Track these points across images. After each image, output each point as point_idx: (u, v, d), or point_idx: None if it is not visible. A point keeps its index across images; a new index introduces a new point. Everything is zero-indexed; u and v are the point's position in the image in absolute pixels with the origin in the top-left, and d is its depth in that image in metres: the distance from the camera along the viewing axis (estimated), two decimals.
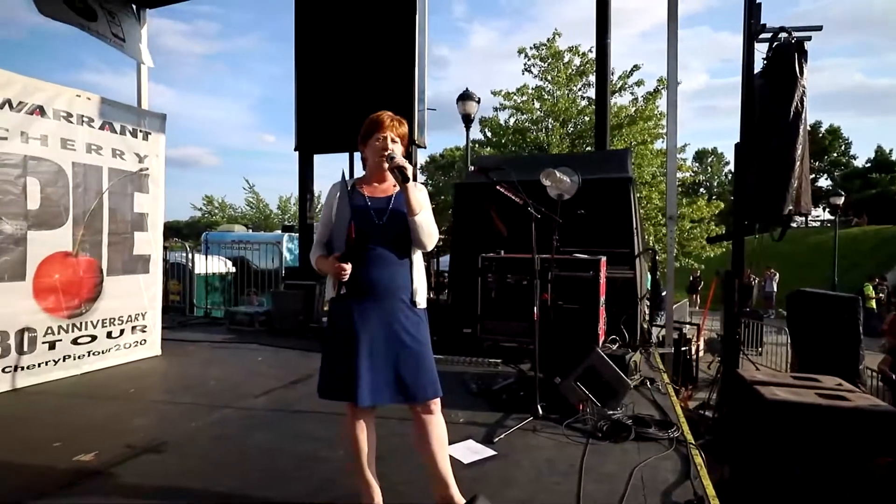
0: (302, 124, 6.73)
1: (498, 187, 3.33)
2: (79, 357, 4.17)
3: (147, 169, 4.67)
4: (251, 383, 4.08)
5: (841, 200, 18.12)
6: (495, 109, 13.50)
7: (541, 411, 3.22)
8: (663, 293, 6.13)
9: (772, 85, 4.68)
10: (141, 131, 4.64)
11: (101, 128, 4.30)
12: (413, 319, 2.00)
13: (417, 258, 2.06)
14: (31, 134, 3.79)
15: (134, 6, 6.76)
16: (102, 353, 4.35)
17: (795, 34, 4.67)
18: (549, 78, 12.99)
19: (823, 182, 40.94)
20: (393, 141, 2.00)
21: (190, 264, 8.30)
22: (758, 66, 4.75)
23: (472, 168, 2.41)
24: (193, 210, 30.11)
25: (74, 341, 4.13)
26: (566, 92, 12.87)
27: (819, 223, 33.15)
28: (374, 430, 2.12)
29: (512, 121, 13.56)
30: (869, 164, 40.39)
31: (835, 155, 42.54)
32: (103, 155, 4.30)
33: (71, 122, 4.07)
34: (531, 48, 13.12)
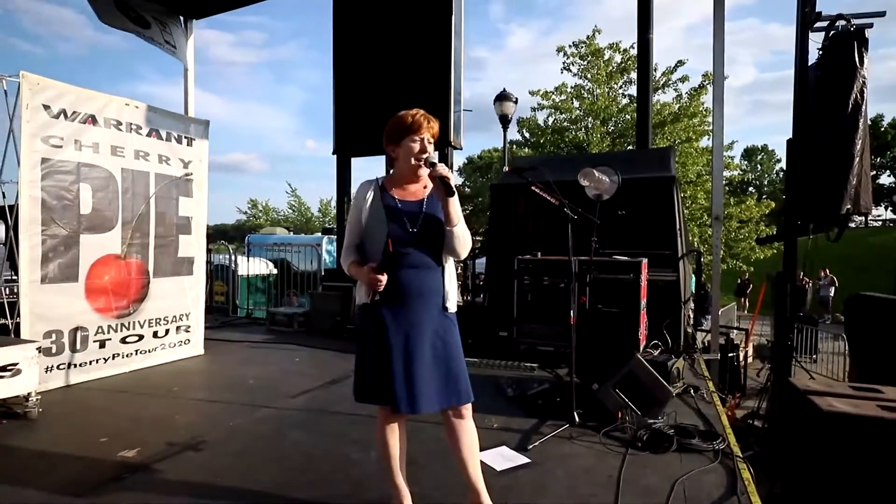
0: (340, 128, 6.82)
1: (533, 188, 3.25)
2: (127, 355, 4.35)
3: (191, 174, 4.83)
4: (288, 383, 4.15)
5: None
6: (533, 109, 13.36)
7: (577, 418, 3.13)
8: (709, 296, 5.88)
9: (828, 76, 4.40)
10: (185, 137, 4.81)
11: (149, 135, 4.48)
12: (445, 324, 1.97)
13: (449, 262, 2.03)
14: (83, 142, 3.99)
15: (182, 17, 7.04)
16: (149, 351, 4.52)
17: (855, 21, 4.38)
18: (588, 76, 12.73)
19: (886, 179, 38.49)
20: (429, 142, 1.95)
21: (233, 266, 8.55)
22: (812, 56, 4.49)
23: (507, 169, 2.35)
24: (239, 213, 31.15)
25: (123, 340, 4.31)
26: (606, 90, 12.58)
27: (880, 223, 31.18)
28: (406, 434, 2.10)
29: (550, 120, 13.36)
30: None
31: None
32: (150, 161, 4.48)
33: (120, 130, 4.26)
34: (570, 46, 12.90)
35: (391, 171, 2.09)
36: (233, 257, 8.61)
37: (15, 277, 4.10)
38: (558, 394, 3.66)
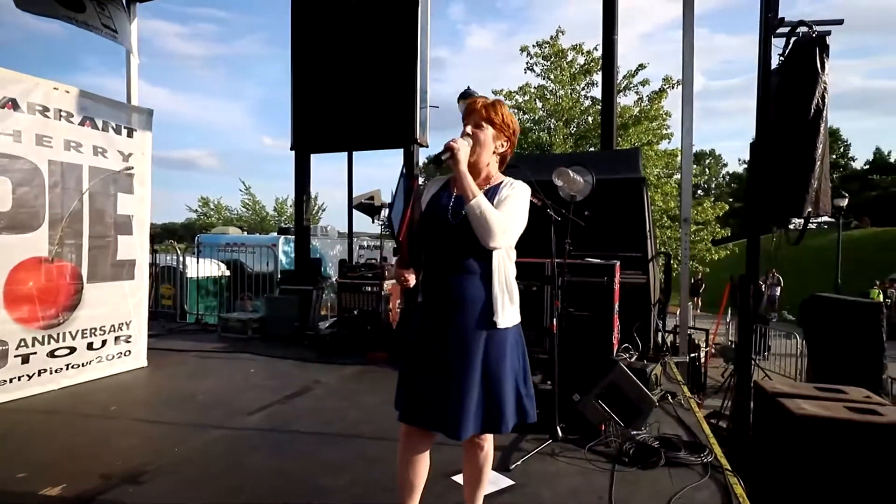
0: (299, 123, 6.44)
1: None
2: (56, 371, 3.86)
3: (132, 168, 4.37)
4: (245, 398, 3.79)
5: (845, 202, 17.88)
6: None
7: (560, 433, 2.94)
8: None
9: (790, 82, 4.43)
10: (125, 128, 4.35)
11: (82, 123, 4.01)
12: (488, 341, 1.69)
13: (500, 266, 1.73)
14: (2, 129, 3.49)
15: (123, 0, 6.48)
16: (82, 365, 4.04)
17: (816, 28, 4.43)
18: (551, 77, 12.74)
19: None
20: (477, 126, 1.76)
21: (182, 268, 7.99)
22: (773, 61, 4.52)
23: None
24: (189, 212, 29.72)
25: (51, 354, 3.82)
26: (569, 91, 12.62)
27: (816, 225, 33.10)
28: (427, 464, 1.84)
29: None
30: (868, 166, 40.34)
31: (834, 157, 42.51)
32: (83, 153, 4.00)
33: (48, 117, 3.77)
34: (533, 46, 12.87)
35: None
36: (181, 258, 8.04)
37: None
38: (538, 404, 3.48)
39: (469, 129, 1.74)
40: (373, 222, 6.39)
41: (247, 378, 4.43)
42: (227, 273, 9.94)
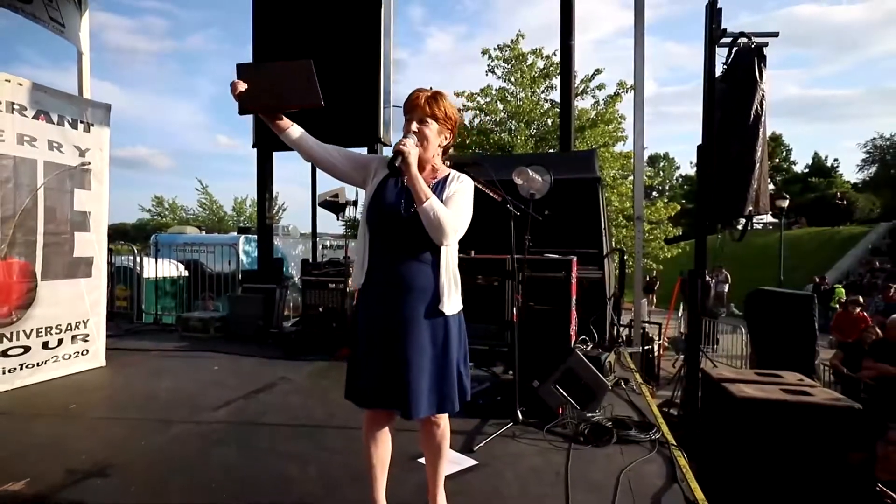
0: (260, 120, 6.41)
1: (476, 184, 3.18)
2: (9, 370, 3.75)
3: (89, 163, 4.28)
4: (208, 395, 3.78)
5: (786, 203, 18.99)
6: (459, 110, 13.38)
7: (521, 416, 3.10)
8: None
9: (732, 89, 4.76)
10: (82, 122, 4.25)
11: (36, 117, 3.90)
12: (435, 326, 1.79)
13: (447, 256, 1.83)
14: None
15: None
16: (37, 365, 3.94)
17: (755, 39, 4.77)
18: (512, 80, 13.00)
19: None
20: (422, 122, 1.80)
21: (138, 268, 7.78)
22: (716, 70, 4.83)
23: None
24: (142, 212, 28.66)
25: (4, 353, 3.71)
26: (530, 94, 12.92)
27: (761, 225, 34.86)
28: (390, 442, 1.96)
29: (476, 122, 13.50)
30: (807, 170, 42.83)
31: (776, 161, 44.93)
32: (38, 147, 3.90)
33: (0, 111, 3.67)
34: (495, 49, 13.11)
35: None
36: (137, 258, 7.83)
37: None
38: (498, 392, 3.64)
39: (414, 126, 1.79)
40: (338, 219, 6.41)
41: (210, 376, 4.40)
42: (186, 273, 9.73)
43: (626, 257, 6.26)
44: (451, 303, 1.82)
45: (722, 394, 3.67)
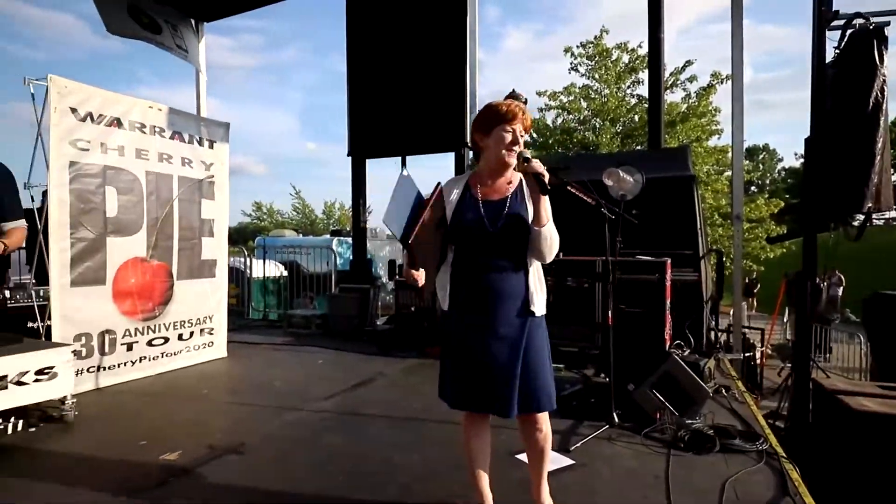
0: (354, 130, 6.81)
1: (569, 187, 3.23)
2: (153, 358, 4.33)
3: (213, 176, 4.82)
4: (316, 386, 4.13)
5: None
6: (541, 110, 13.33)
7: (616, 419, 3.11)
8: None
9: (846, 75, 4.38)
10: (207, 140, 4.80)
11: (172, 137, 4.47)
12: (528, 328, 1.88)
13: (534, 263, 1.94)
14: (109, 145, 3.97)
15: (192, 21, 7.04)
16: (174, 354, 4.51)
17: (874, 20, 4.37)
18: (596, 76, 12.73)
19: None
20: (521, 135, 1.88)
21: (247, 269, 8.53)
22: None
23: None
24: (242, 216, 31.11)
25: (149, 343, 4.29)
26: (615, 90, 12.58)
27: (883, 221, 31.17)
28: (489, 440, 2.07)
29: (559, 121, 13.37)
30: None
31: None
32: (173, 164, 4.47)
33: (144, 133, 4.24)
34: (577, 46, 12.91)
35: (478, 165, 2.01)
36: (247, 260, 8.59)
37: (34, 281, 4.09)
38: (591, 395, 3.65)
39: (525, 150, 1.89)
40: None
41: (316, 369, 4.79)
42: (285, 273, 10.49)
43: (723, 258, 5.95)
44: (540, 303, 1.93)
45: (837, 407, 3.43)
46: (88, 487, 2.39)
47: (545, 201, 1.83)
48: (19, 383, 2.99)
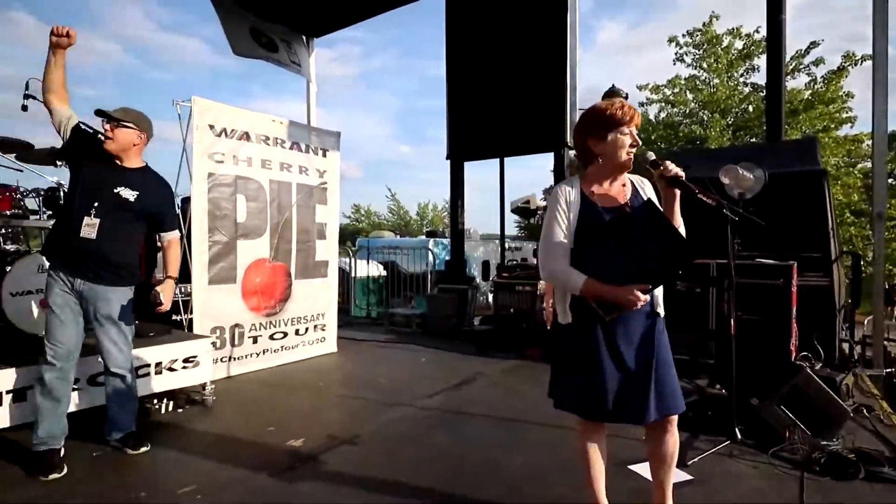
0: (453, 133, 6.95)
1: (698, 194, 3.06)
2: (274, 351, 4.74)
3: (326, 183, 5.17)
4: (420, 384, 4.28)
5: None
6: (642, 104, 12.70)
7: (739, 435, 2.90)
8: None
9: None
10: (321, 149, 5.15)
11: (291, 147, 4.85)
12: (655, 330, 1.85)
13: None
14: (239, 157, 4.41)
15: (304, 37, 7.57)
16: (292, 348, 4.89)
17: None
18: (704, 65, 11.89)
19: None
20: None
21: (350, 268, 9.02)
22: None
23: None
24: (343, 218, 32.85)
25: (271, 337, 4.70)
26: (726, 79, 11.66)
27: None
28: (606, 449, 2.01)
29: (662, 115, 12.66)
30: None
31: None
32: (292, 172, 4.85)
33: (268, 144, 4.65)
34: (683, 35, 12.14)
35: (585, 169, 1.94)
36: (350, 260, 9.08)
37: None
38: (707, 407, 3.44)
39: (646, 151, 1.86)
40: (529, 222, 6.60)
41: (419, 366, 4.96)
42: (384, 273, 10.96)
43: (860, 262, 5.31)
44: (662, 306, 1.88)
45: None
46: (231, 465, 2.68)
47: (678, 203, 1.76)
48: (170, 369, 3.42)
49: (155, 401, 3.46)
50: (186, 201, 4.26)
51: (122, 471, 2.64)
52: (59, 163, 3.96)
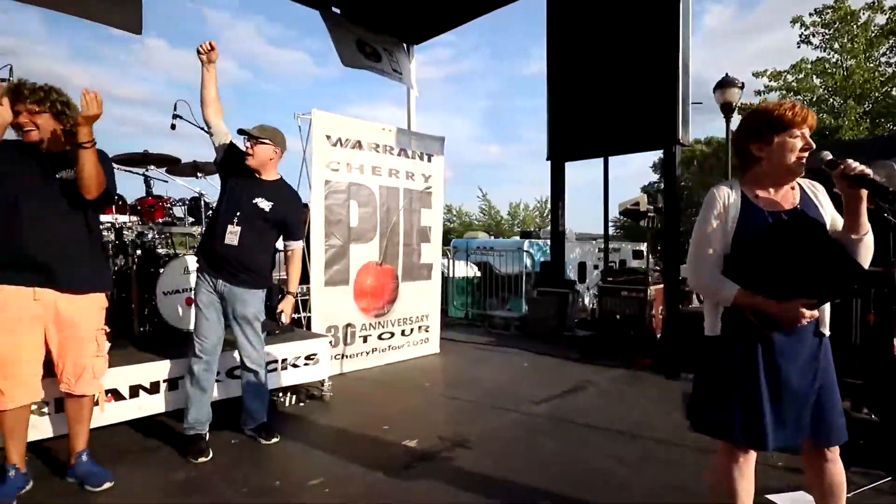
0: (554, 133, 6.81)
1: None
2: (382, 350, 4.93)
3: (430, 187, 5.28)
4: (525, 388, 4.24)
5: None
6: (758, 93, 11.64)
7: None
8: None
9: None
10: (426, 154, 5.28)
11: (398, 154, 5.02)
12: (820, 350, 1.70)
13: None
14: (353, 164, 4.64)
15: (405, 44, 7.79)
16: (398, 348, 5.07)
17: None
18: (836, 46, 10.63)
19: None
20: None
21: (447, 270, 9.16)
22: None
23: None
24: None
25: (379, 336, 4.90)
26: (863, 59, 10.34)
27: None
28: (753, 479, 1.82)
29: None
30: None
31: None
32: (400, 177, 5.02)
33: (378, 152, 4.84)
34: (810, 15, 10.93)
35: (745, 173, 1.80)
36: (448, 261, 9.23)
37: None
38: (858, 434, 3.05)
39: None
40: (640, 224, 6.30)
41: (521, 371, 4.92)
42: (478, 273, 11.02)
43: None
44: (828, 324, 1.70)
45: None
46: (351, 460, 2.82)
47: (864, 205, 1.57)
48: (294, 366, 3.67)
49: (280, 394, 3.74)
50: (305, 208, 4.56)
51: (258, 459, 2.88)
52: (199, 174, 4.41)
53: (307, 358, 3.71)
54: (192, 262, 3.79)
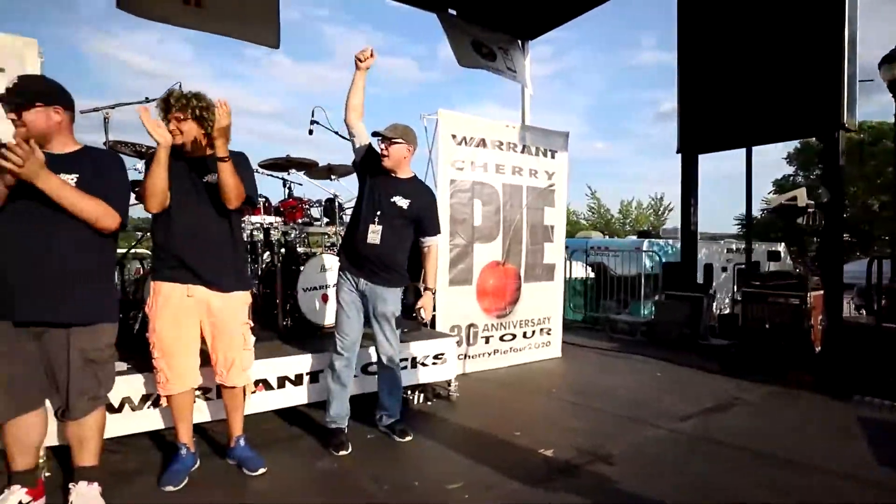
0: (685, 123, 6.25)
1: None
2: (503, 352, 4.83)
3: (554, 185, 5.08)
4: (665, 402, 3.90)
5: None
6: None
7: None
8: None
9: None
10: (549, 151, 5.09)
11: (522, 151, 4.89)
12: None
13: None
14: (476, 163, 4.59)
15: (519, 41, 7.62)
16: (519, 350, 4.94)
17: None
18: None
19: None
20: None
21: (565, 271, 8.85)
22: None
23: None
24: None
25: (501, 338, 4.81)
26: None
27: None
28: None
29: None
30: None
31: None
32: (523, 175, 4.89)
33: (501, 150, 4.75)
34: None
35: None
36: (567, 263, 8.91)
37: None
38: None
39: None
40: (795, 224, 5.53)
41: (655, 381, 4.55)
42: (592, 275, 10.51)
43: None
44: None
45: None
46: (486, 465, 2.73)
47: None
48: (423, 364, 3.69)
49: (409, 392, 3.78)
50: None
51: (393, 456, 2.91)
52: (332, 177, 4.62)
53: (435, 357, 3.72)
54: (328, 260, 3.96)
